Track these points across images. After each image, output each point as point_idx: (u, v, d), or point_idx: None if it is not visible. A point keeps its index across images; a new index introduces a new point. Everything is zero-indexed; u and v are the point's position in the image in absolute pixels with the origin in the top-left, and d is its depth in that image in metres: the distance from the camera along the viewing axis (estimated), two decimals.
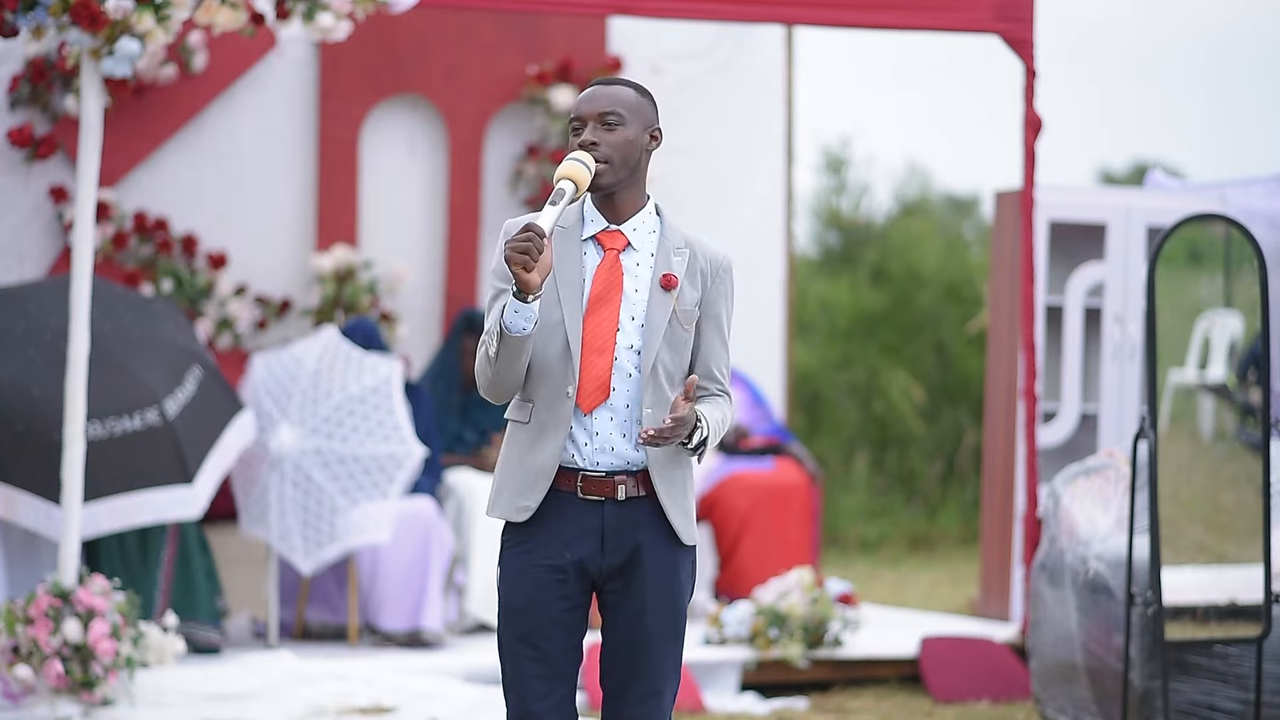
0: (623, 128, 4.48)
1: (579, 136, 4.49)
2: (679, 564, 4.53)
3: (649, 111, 4.54)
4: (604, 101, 4.49)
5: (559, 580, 4.48)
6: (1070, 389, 9.85)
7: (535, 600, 4.47)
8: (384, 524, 8.66)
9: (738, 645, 8.70)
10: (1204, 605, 7.03)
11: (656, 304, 4.49)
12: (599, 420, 4.46)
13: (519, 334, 4.37)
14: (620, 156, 4.48)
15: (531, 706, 4.47)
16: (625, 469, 4.49)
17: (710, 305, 4.56)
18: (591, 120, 4.49)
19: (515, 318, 4.36)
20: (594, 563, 4.49)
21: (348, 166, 9.91)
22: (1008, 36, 8.70)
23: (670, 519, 4.50)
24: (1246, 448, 7.37)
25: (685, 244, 4.56)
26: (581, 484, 4.47)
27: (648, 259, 4.52)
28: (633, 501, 4.49)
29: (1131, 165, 20.99)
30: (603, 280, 4.48)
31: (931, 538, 15.10)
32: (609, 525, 4.48)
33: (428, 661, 8.44)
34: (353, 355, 8.82)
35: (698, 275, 4.54)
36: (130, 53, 7.30)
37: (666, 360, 4.49)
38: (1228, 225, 7.29)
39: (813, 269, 16.92)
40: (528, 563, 4.48)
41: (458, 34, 10.04)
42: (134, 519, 8.06)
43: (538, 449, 4.47)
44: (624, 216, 4.53)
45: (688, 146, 10.49)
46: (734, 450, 10.08)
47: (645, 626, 4.50)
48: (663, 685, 4.53)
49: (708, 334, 4.56)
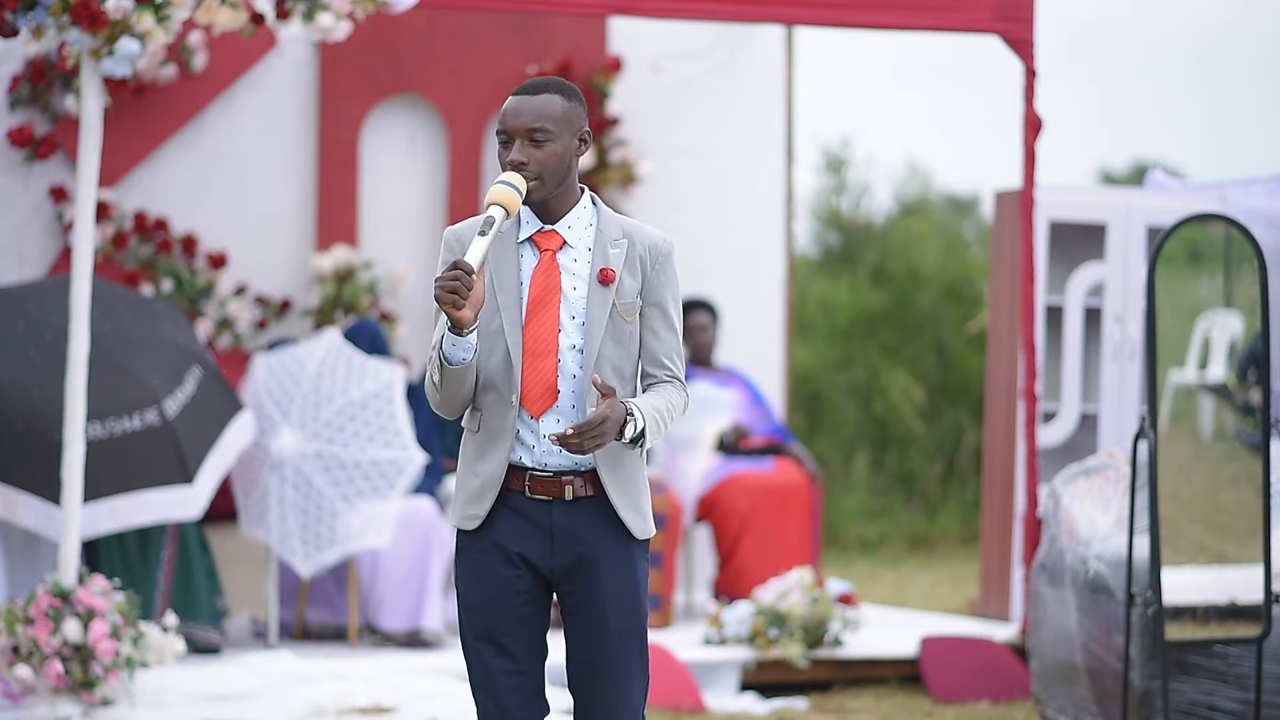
0: (551, 143, 4.43)
1: (507, 152, 4.45)
2: (634, 559, 4.52)
3: (577, 116, 4.48)
4: (531, 116, 4.43)
5: (515, 576, 4.48)
6: (1070, 389, 9.85)
7: (494, 598, 4.48)
8: (384, 528, 8.66)
9: (738, 645, 8.70)
10: (1204, 605, 7.03)
11: (596, 300, 4.46)
12: (546, 423, 4.46)
13: (460, 365, 4.38)
14: (550, 171, 4.44)
15: (502, 699, 4.48)
16: (574, 469, 4.48)
17: (652, 292, 4.52)
18: (519, 137, 4.44)
19: (454, 350, 4.37)
20: (544, 562, 4.49)
21: (348, 166, 9.91)
22: (1008, 36, 8.70)
23: (621, 515, 4.49)
24: (1246, 448, 7.37)
25: (623, 234, 4.52)
26: (529, 483, 4.47)
27: (585, 254, 4.49)
28: (581, 501, 4.48)
29: (1131, 165, 20.99)
30: (539, 283, 4.46)
31: (931, 538, 15.10)
32: (557, 525, 4.48)
33: (428, 661, 8.45)
34: (355, 359, 8.82)
35: (637, 264, 4.50)
36: (130, 53, 7.30)
37: (611, 356, 4.47)
38: (1228, 225, 7.29)
39: (813, 269, 16.92)
40: (482, 562, 4.49)
41: (458, 34, 10.04)
42: (134, 519, 8.06)
43: (486, 457, 4.48)
44: (558, 215, 4.50)
45: (688, 146, 10.49)
46: (734, 450, 10.08)
47: (606, 626, 4.48)
48: (629, 684, 4.51)
49: (652, 321, 4.53)
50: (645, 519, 4.54)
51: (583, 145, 4.51)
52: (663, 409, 4.48)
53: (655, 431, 4.45)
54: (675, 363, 4.56)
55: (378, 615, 8.92)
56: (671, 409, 4.52)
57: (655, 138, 10.44)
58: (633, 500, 4.51)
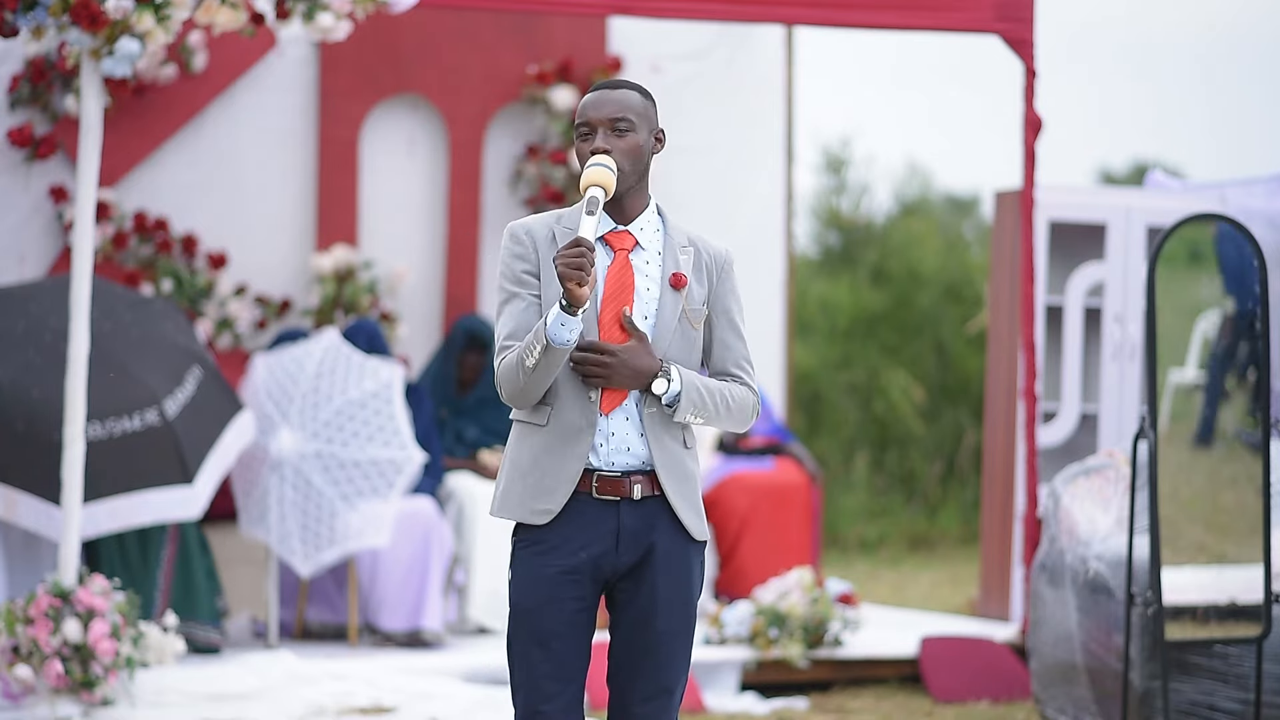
0: (633, 133, 4.50)
1: (588, 142, 4.50)
2: (691, 561, 4.55)
3: (653, 114, 4.57)
4: (613, 108, 4.50)
5: (573, 581, 4.47)
6: (1070, 389, 9.85)
7: (548, 601, 4.47)
8: (383, 528, 8.66)
9: (738, 645, 8.70)
10: (1204, 605, 7.03)
11: (667, 303, 4.52)
12: (615, 421, 4.48)
13: (563, 346, 4.37)
14: (632, 162, 4.50)
15: (540, 707, 4.47)
16: (640, 469, 4.49)
17: (718, 301, 4.59)
18: (602, 127, 4.50)
19: (561, 330, 4.35)
20: (609, 562, 4.49)
21: (348, 166, 9.91)
22: (1008, 36, 8.70)
23: (680, 515, 4.51)
24: (1246, 448, 7.37)
25: (689, 242, 4.59)
26: (597, 484, 4.48)
27: (655, 257, 4.54)
28: (647, 500, 4.50)
29: (1131, 165, 20.98)
30: (614, 281, 4.50)
31: (931, 538, 15.10)
32: (625, 525, 4.49)
33: (428, 661, 8.45)
34: (354, 359, 8.82)
35: (703, 272, 4.57)
36: (130, 53, 7.30)
37: (678, 358, 4.51)
38: (1227, 225, 7.29)
39: (813, 269, 16.92)
40: (542, 564, 4.48)
41: (458, 34, 10.04)
42: (134, 519, 8.06)
43: (561, 453, 4.47)
44: (630, 217, 4.55)
45: (688, 146, 10.49)
46: (734, 450, 10.08)
47: (656, 625, 4.50)
48: (673, 683, 4.54)
49: (719, 329, 4.60)
50: (702, 520, 4.58)
51: (658, 144, 4.57)
52: (715, 390, 4.53)
53: (699, 406, 4.48)
54: (745, 369, 4.63)
55: (378, 615, 8.92)
56: (728, 397, 4.55)
57: None
58: (690, 500, 4.54)
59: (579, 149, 4.52)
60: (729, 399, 4.55)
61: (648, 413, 4.47)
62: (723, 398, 4.54)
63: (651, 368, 4.43)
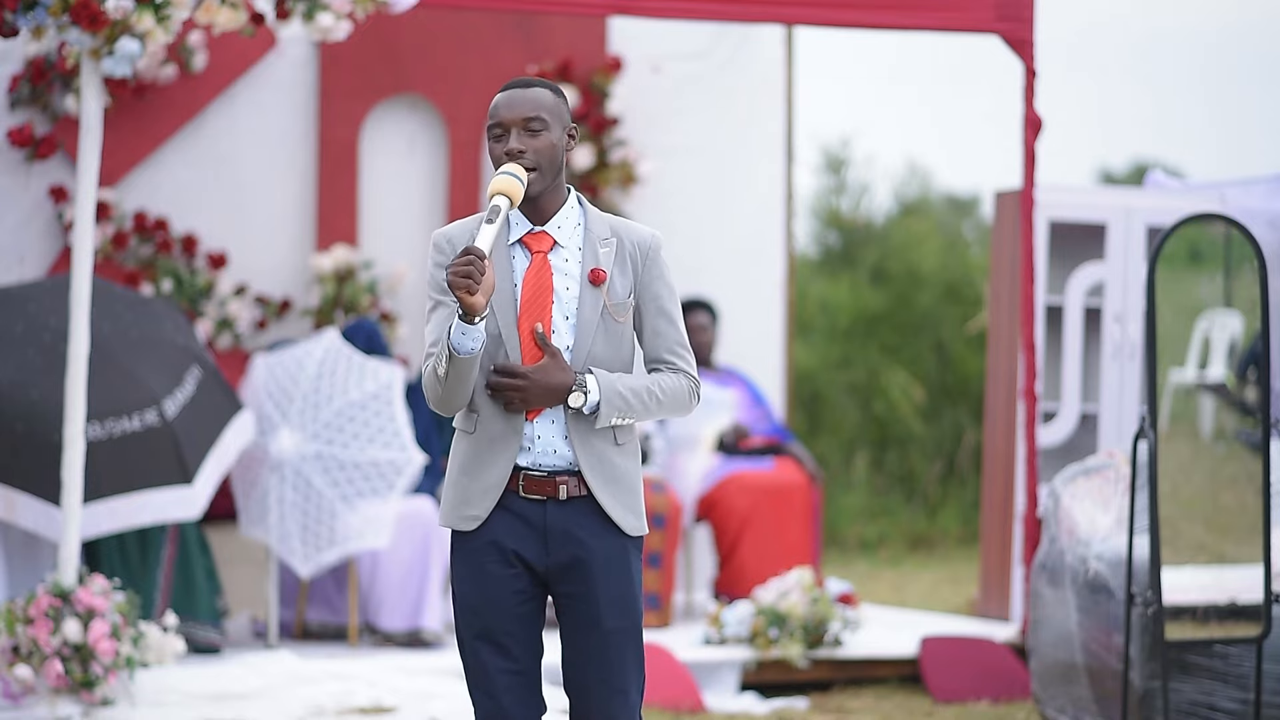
0: (546, 132, 4.49)
1: (502, 143, 4.49)
2: (628, 557, 4.53)
3: (565, 111, 4.55)
4: (527, 107, 4.49)
5: (512, 575, 4.49)
6: (1070, 389, 9.85)
7: (491, 598, 4.49)
8: (383, 529, 8.66)
9: (738, 645, 8.70)
10: (1204, 605, 7.03)
11: (587, 300, 4.49)
12: (540, 425, 4.49)
13: (468, 355, 4.38)
14: (547, 162, 4.49)
15: (500, 699, 4.49)
16: (567, 469, 4.49)
17: (645, 289, 4.56)
18: (515, 127, 4.48)
19: (463, 339, 4.37)
20: (539, 561, 4.50)
21: (348, 166, 9.91)
22: (1008, 36, 8.70)
23: (611, 514, 4.50)
24: (1246, 448, 7.37)
25: (611, 232, 4.56)
26: (524, 484, 4.49)
27: (575, 254, 4.52)
28: (575, 500, 4.50)
29: (1131, 165, 20.99)
30: (532, 284, 4.49)
31: (931, 538, 15.10)
32: (551, 524, 4.49)
33: (428, 661, 8.45)
34: (354, 359, 8.82)
35: (627, 262, 4.54)
36: (130, 53, 7.30)
37: (603, 356, 4.50)
38: (1228, 225, 7.29)
39: (813, 269, 16.92)
40: (479, 562, 4.50)
41: (458, 34, 10.04)
42: (134, 519, 8.06)
43: (488, 460, 4.49)
44: (547, 216, 4.54)
45: (688, 146, 10.49)
46: (734, 450, 10.08)
47: (602, 625, 4.50)
48: (627, 684, 4.52)
49: (649, 317, 4.57)
50: (638, 516, 4.55)
51: (571, 140, 4.56)
52: (640, 389, 4.50)
53: (623, 409, 4.47)
54: (679, 355, 4.59)
55: (377, 615, 8.92)
56: (656, 392, 4.52)
57: (655, 137, 10.44)
58: (623, 498, 4.52)
59: (492, 150, 4.51)
60: (658, 393, 4.53)
61: (571, 416, 4.47)
62: (650, 394, 4.51)
63: (565, 383, 4.42)
